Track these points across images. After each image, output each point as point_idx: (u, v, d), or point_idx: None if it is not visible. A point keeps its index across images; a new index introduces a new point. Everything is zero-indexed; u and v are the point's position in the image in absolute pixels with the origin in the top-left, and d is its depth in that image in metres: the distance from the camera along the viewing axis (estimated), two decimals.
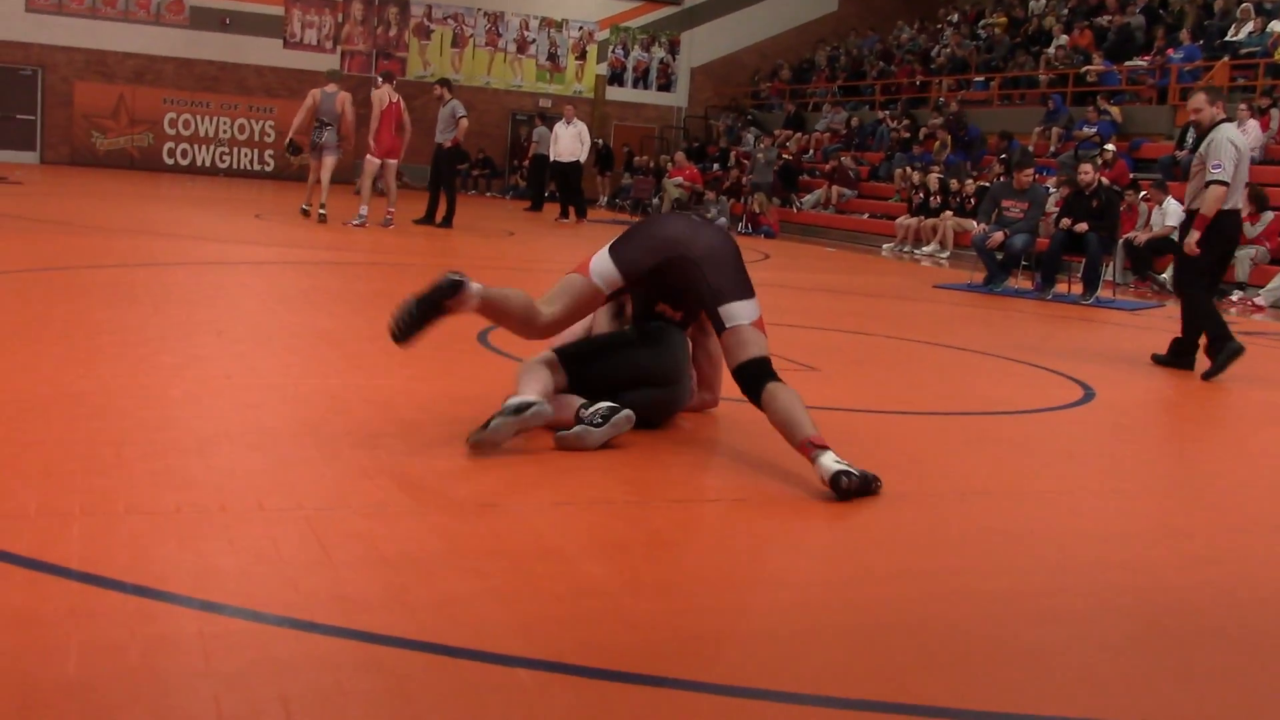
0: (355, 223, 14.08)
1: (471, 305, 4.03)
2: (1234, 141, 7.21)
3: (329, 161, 14.27)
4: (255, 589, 2.63)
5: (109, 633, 2.34)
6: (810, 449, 3.86)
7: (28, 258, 8.61)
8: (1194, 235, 7.21)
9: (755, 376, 4.16)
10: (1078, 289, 12.14)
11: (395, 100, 14.36)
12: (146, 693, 2.11)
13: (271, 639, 2.40)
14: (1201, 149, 7.32)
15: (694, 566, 3.04)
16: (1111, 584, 3.18)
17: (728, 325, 4.20)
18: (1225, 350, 7.11)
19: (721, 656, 2.49)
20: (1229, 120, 7.46)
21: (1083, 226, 11.79)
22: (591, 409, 4.17)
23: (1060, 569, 3.28)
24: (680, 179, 21.70)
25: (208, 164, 26.31)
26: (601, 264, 4.29)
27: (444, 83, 15.81)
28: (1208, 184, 7.13)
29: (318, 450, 3.88)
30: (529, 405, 3.99)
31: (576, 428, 4.15)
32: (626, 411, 4.19)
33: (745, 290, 4.26)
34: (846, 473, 3.73)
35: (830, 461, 3.78)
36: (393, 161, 14.39)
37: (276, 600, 2.57)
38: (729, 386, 5.36)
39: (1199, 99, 7.42)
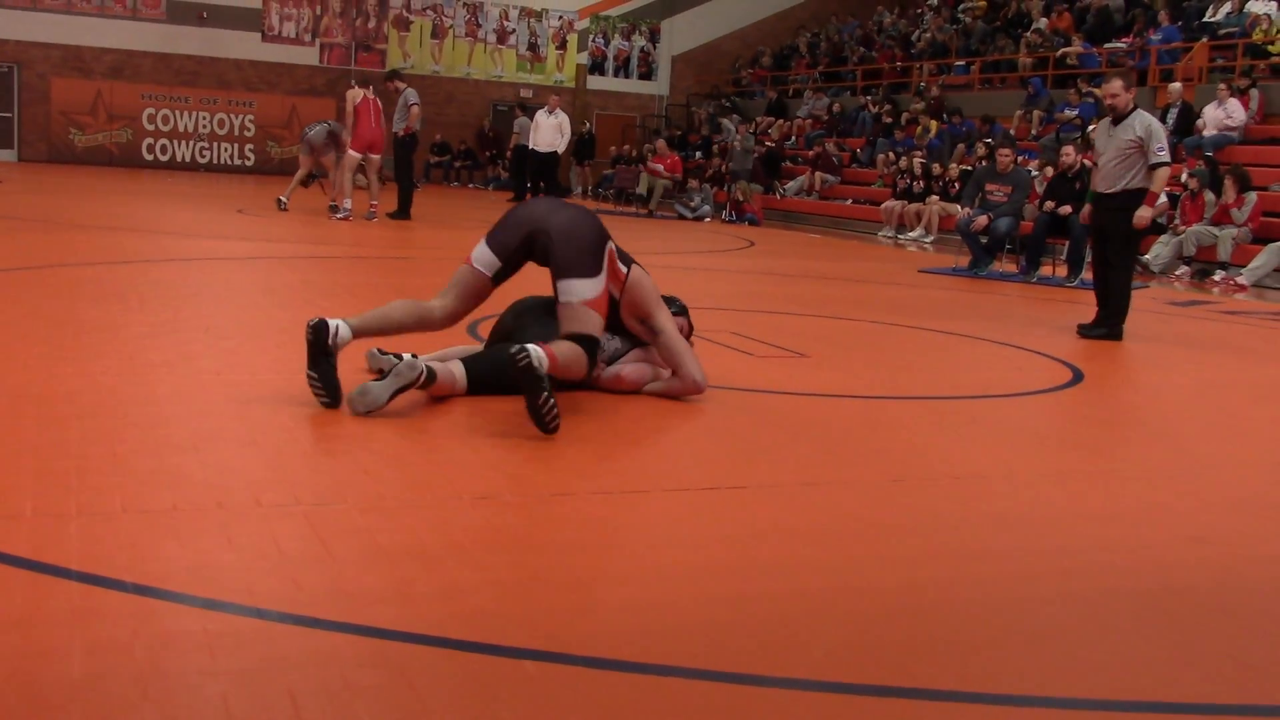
0: (339, 216, 14.04)
1: (347, 338, 4.42)
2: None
3: (337, 159, 14.58)
4: (257, 586, 2.62)
5: (112, 632, 2.33)
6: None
7: (10, 256, 8.56)
8: (1146, 210, 7.78)
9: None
10: (1062, 271, 12.19)
11: (371, 96, 14.37)
12: (154, 692, 2.10)
13: (276, 636, 2.39)
14: (1123, 133, 7.75)
15: (695, 555, 3.04)
16: (1109, 565, 3.19)
17: (561, 299, 4.52)
18: (1114, 332, 7.81)
19: (726, 644, 2.49)
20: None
21: (1066, 209, 11.82)
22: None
23: (1057, 551, 3.29)
24: (660, 167, 21.55)
25: (188, 159, 26.18)
26: (479, 250, 4.71)
27: (393, 74, 15.76)
28: (1154, 165, 7.70)
29: (313, 445, 3.87)
30: (392, 366, 4.34)
31: (358, 385, 4.34)
32: (406, 359, 4.37)
33: (589, 269, 4.52)
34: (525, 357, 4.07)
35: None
36: (375, 156, 14.36)
37: (279, 597, 2.56)
38: (715, 377, 5.37)
39: (1116, 85, 7.83)
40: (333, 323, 4.37)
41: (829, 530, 3.34)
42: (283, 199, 14.95)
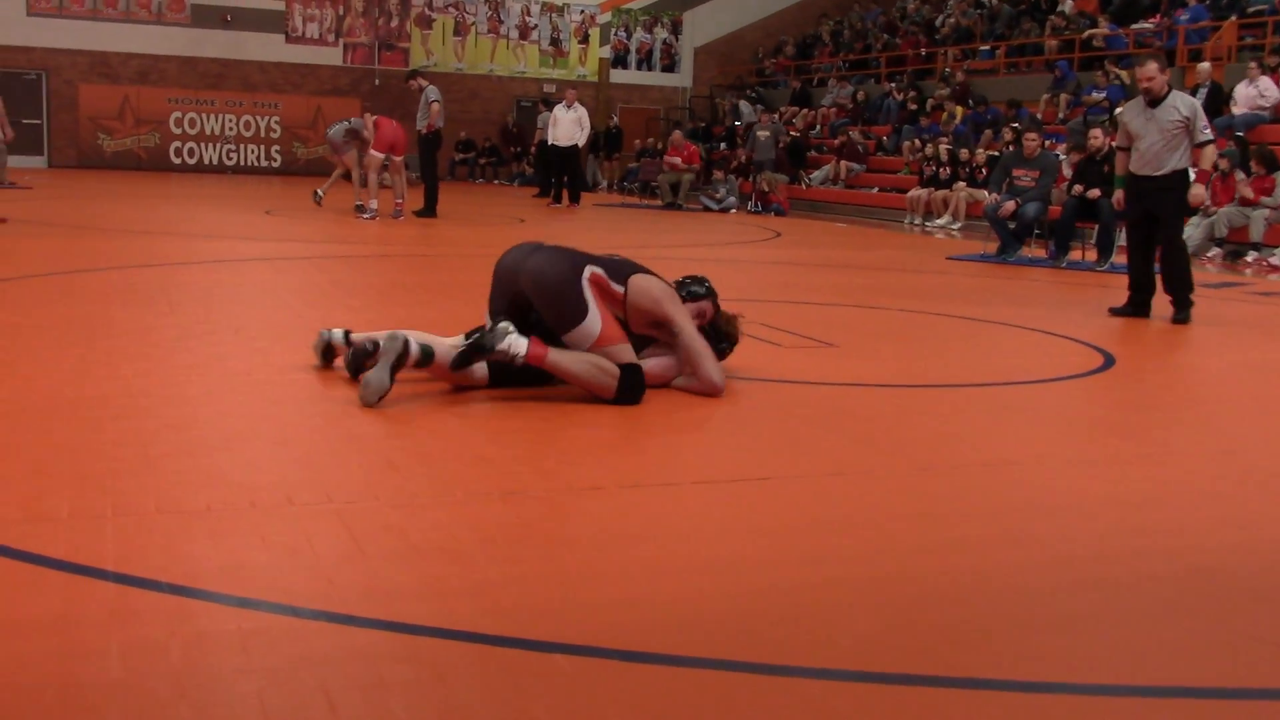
0: (366, 216, 14.10)
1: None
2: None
3: (359, 158, 14.76)
4: (290, 584, 2.64)
5: (149, 632, 2.35)
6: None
7: (43, 262, 8.64)
8: (1200, 188, 8.01)
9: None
10: (1092, 256, 12.09)
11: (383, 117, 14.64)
12: (191, 691, 2.12)
13: (310, 633, 2.41)
14: (1165, 115, 7.77)
15: (725, 547, 3.05)
16: (1143, 549, 3.17)
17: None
18: (1184, 315, 7.86)
19: (758, 636, 2.49)
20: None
21: (1095, 192, 11.73)
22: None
23: (1091, 536, 3.28)
24: (678, 159, 21.21)
25: (215, 162, 26.36)
26: (487, 319, 4.70)
27: (414, 73, 15.84)
28: (1202, 144, 7.85)
29: (344, 443, 3.89)
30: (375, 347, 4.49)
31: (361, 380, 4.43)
32: (387, 333, 4.45)
33: (576, 315, 4.45)
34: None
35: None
36: (397, 157, 14.43)
37: (312, 595, 2.58)
38: (742, 368, 5.37)
39: (1152, 67, 7.83)
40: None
41: (858, 520, 3.33)
42: (319, 192, 15.39)
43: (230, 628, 2.40)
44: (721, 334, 5.14)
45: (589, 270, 4.58)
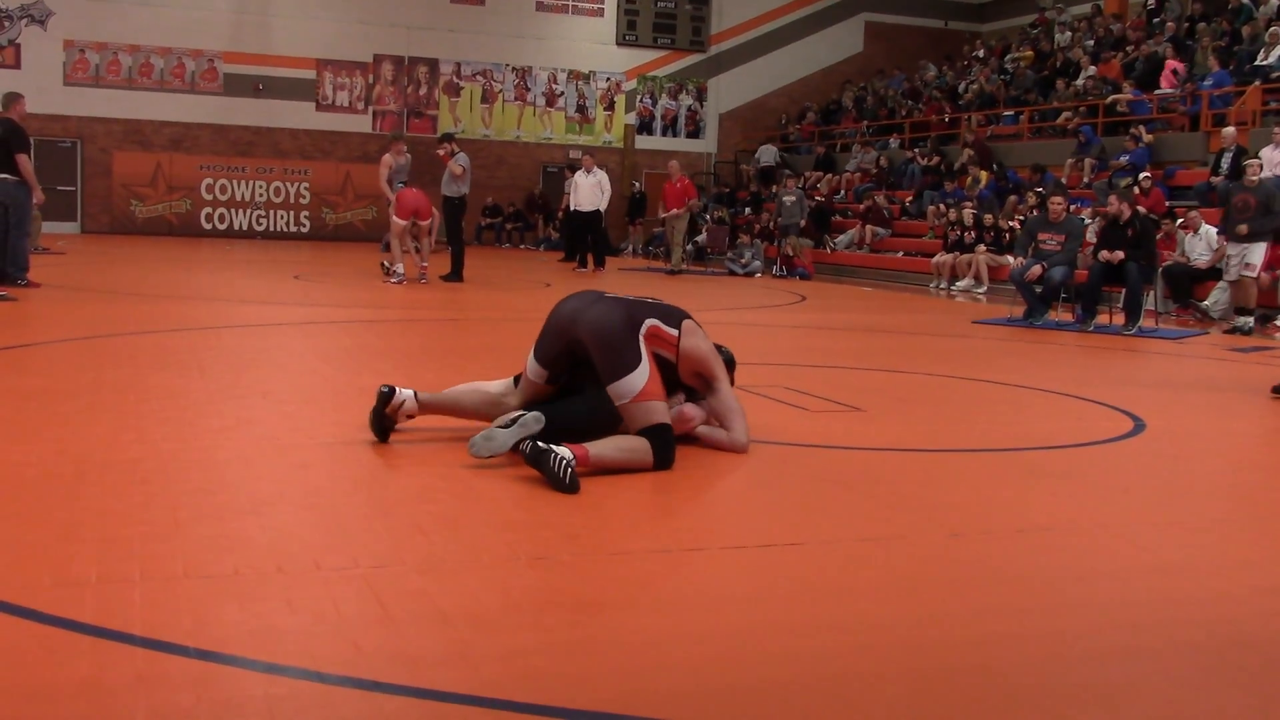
0: (394, 281, 14.22)
1: (412, 409, 4.87)
2: None
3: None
4: (317, 650, 2.63)
5: (176, 698, 2.34)
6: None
7: (75, 326, 8.73)
8: None
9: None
10: (1119, 319, 12.05)
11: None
12: None
13: (337, 700, 2.39)
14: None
15: (754, 613, 3.02)
16: (1178, 618, 3.13)
17: (615, 402, 4.61)
18: None
19: (786, 703, 2.46)
20: None
21: (1119, 255, 11.71)
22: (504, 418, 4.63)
23: (1124, 604, 3.23)
24: (675, 211, 20.62)
25: (245, 227, 26.68)
26: (530, 363, 4.91)
27: (447, 137, 15.98)
28: None
29: (371, 507, 3.89)
30: (518, 416, 4.55)
31: (483, 431, 4.54)
32: (534, 414, 4.55)
33: (628, 366, 4.56)
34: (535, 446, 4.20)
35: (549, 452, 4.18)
36: (424, 222, 14.56)
37: (339, 660, 2.57)
38: (769, 432, 5.36)
39: None
40: (401, 393, 4.82)
41: (888, 586, 3.30)
42: (390, 265, 14.90)
43: (257, 693, 2.39)
44: None
45: (647, 324, 4.71)
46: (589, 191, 18.92)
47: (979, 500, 4.40)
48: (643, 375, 4.54)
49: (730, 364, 5.24)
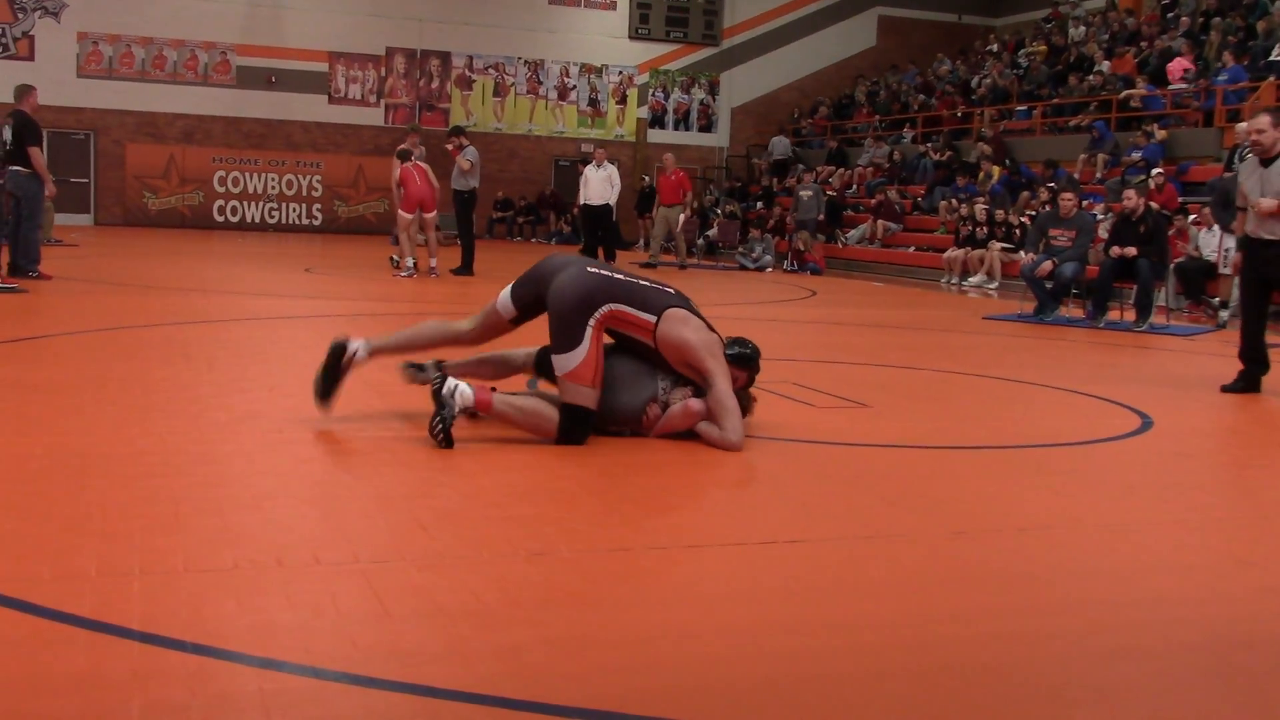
0: (404, 274, 14.23)
1: (362, 359, 5.07)
2: None
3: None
4: (314, 645, 2.63)
5: (170, 693, 2.35)
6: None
7: (85, 319, 8.76)
8: None
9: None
10: (1130, 316, 12.00)
11: (410, 165, 14.53)
12: None
13: (331, 695, 2.40)
14: (1278, 174, 7.12)
15: (751, 611, 3.01)
16: (1179, 618, 3.11)
17: (555, 371, 4.83)
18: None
19: (784, 702, 2.45)
20: None
21: (1131, 251, 11.66)
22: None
23: (1125, 604, 3.22)
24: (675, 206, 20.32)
25: (257, 220, 26.71)
26: (504, 294, 5.12)
27: (457, 130, 16.01)
28: None
29: (373, 502, 3.90)
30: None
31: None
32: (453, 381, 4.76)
33: (566, 343, 4.71)
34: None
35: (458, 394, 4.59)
36: (429, 215, 14.56)
37: (335, 656, 2.57)
38: (775, 428, 5.34)
39: (1263, 120, 7.24)
40: (352, 344, 5.03)
41: (889, 585, 3.29)
42: (401, 259, 14.71)
43: (252, 688, 2.39)
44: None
45: (607, 308, 4.78)
46: (599, 185, 18.92)
47: (983, 498, 4.39)
48: (577, 356, 4.69)
49: (744, 360, 5.11)
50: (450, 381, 4.66)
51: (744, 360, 5.12)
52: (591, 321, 4.73)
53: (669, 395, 4.97)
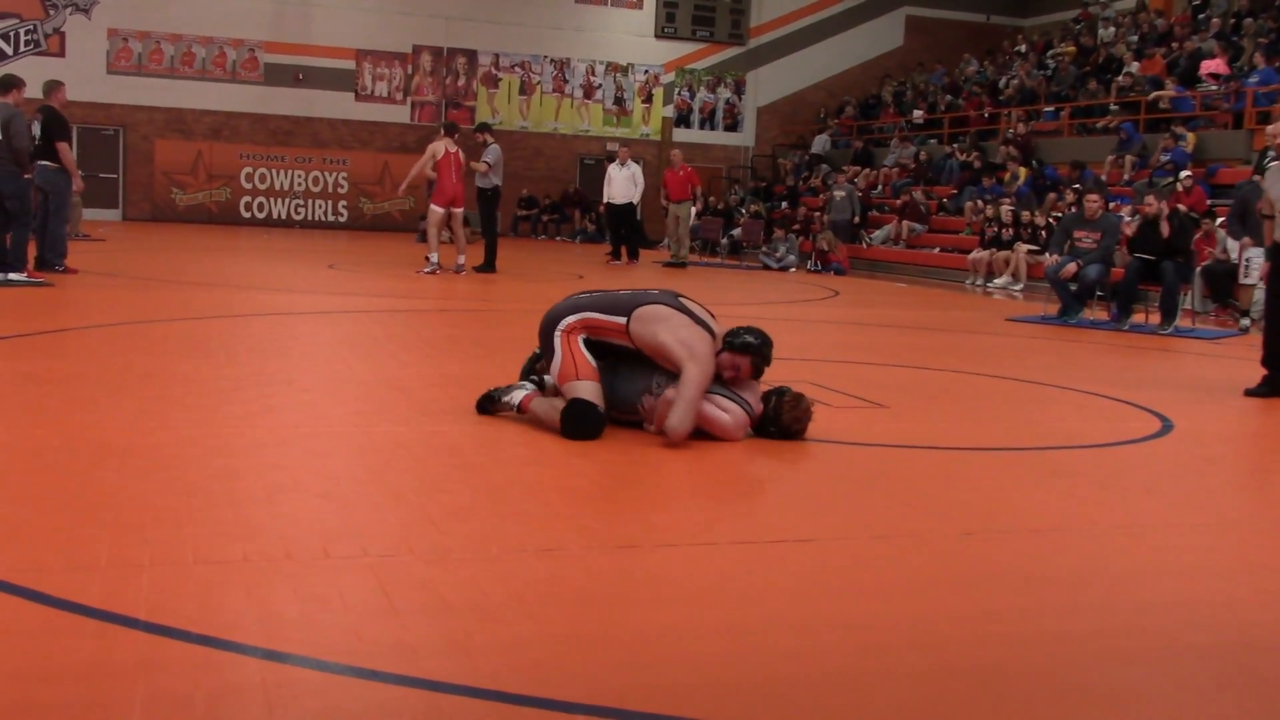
0: (427, 270, 14.26)
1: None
2: None
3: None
4: (319, 637, 2.64)
5: (174, 684, 2.36)
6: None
7: (109, 312, 8.83)
8: None
9: None
10: (1155, 319, 11.92)
11: (454, 151, 14.54)
12: None
13: (335, 688, 2.41)
14: None
15: (760, 609, 3.01)
16: (1192, 622, 3.09)
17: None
18: None
19: (791, 699, 2.45)
20: None
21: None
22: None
23: (1138, 607, 3.19)
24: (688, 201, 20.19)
25: (283, 216, 26.86)
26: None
27: (483, 127, 16.07)
28: None
29: (384, 497, 3.91)
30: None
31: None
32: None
33: (548, 355, 5.13)
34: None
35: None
36: (458, 210, 14.60)
37: (340, 649, 2.58)
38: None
39: None
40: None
41: (897, 585, 3.28)
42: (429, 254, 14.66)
43: (255, 680, 2.40)
44: (771, 418, 5.10)
45: (569, 320, 5.09)
46: (623, 184, 18.95)
47: (996, 500, 4.37)
48: (555, 363, 5.07)
49: (745, 348, 5.02)
50: (527, 389, 5.31)
51: (746, 348, 5.02)
52: (557, 333, 5.08)
53: (662, 389, 4.96)
